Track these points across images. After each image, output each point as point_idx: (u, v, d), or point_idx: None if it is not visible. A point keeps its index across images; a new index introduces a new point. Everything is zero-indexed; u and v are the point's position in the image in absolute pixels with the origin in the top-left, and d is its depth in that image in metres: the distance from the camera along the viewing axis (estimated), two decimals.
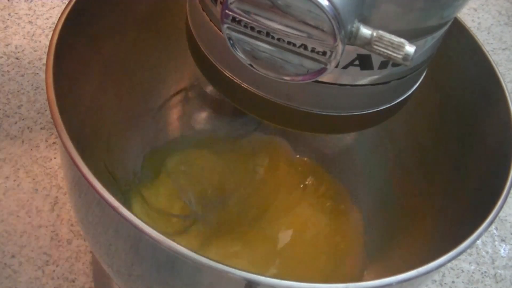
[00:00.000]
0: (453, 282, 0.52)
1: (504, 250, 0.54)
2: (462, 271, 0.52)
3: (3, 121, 0.55)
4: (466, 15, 0.74)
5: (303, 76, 0.24)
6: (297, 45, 0.23)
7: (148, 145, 0.50)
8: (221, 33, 0.24)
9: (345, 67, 0.26)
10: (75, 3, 0.35)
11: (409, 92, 0.31)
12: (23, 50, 0.60)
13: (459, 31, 0.39)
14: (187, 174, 0.49)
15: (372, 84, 0.27)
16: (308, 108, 0.28)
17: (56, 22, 0.34)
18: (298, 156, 0.52)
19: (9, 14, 0.63)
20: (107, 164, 0.46)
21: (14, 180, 0.51)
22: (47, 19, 0.63)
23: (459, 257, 0.30)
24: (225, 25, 0.24)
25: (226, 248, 0.46)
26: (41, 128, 0.55)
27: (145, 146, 0.49)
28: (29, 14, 0.63)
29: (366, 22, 0.24)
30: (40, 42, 0.61)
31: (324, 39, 0.23)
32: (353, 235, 0.48)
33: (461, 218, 0.37)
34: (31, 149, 0.53)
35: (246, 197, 0.49)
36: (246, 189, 0.49)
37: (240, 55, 0.25)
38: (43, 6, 0.64)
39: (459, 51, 0.40)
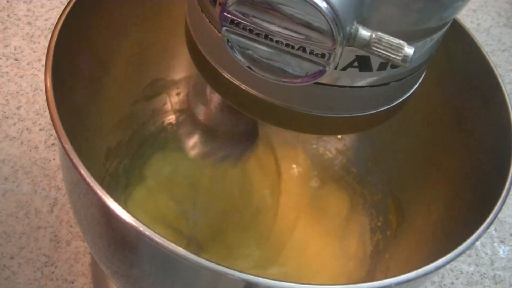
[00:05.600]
0: (452, 283, 0.52)
1: (503, 251, 0.54)
2: (461, 272, 0.52)
3: (2, 122, 0.55)
4: (465, 17, 0.74)
5: (301, 78, 0.24)
6: (296, 48, 0.23)
7: (148, 146, 0.50)
8: (220, 34, 0.24)
9: (344, 69, 0.26)
10: (74, 4, 0.35)
11: (408, 94, 0.31)
12: (22, 51, 0.60)
13: (458, 32, 0.39)
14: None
15: (371, 86, 0.27)
16: (307, 109, 0.28)
17: (55, 23, 0.34)
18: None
19: (8, 15, 0.63)
20: (106, 165, 0.46)
21: (13, 181, 0.51)
22: (46, 20, 0.63)
23: (458, 259, 0.30)
24: (224, 28, 0.24)
25: (235, 242, 0.47)
26: (40, 129, 0.55)
27: (145, 146, 0.49)
28: (28, 15, 0.63)
29: (365, 23, 0.24)
30: (39, 43, 0.61)
31: (323, 41, 0.23)
32: (356, 238, 0.48)
33: (460, 220, 0.37)
34: (30, 150, 0.53)
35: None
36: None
37: (239, 57, 0.25)
38: (42, 7, 0.64)
39: (458, 53, 0.40)
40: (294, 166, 0.52)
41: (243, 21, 0.23)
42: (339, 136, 0.52)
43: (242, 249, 0.47)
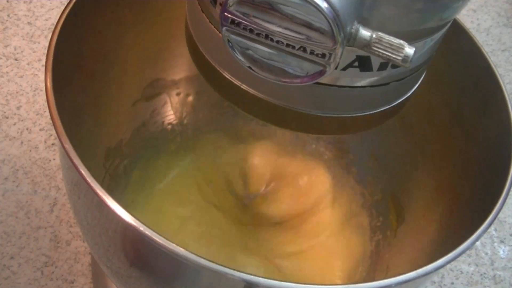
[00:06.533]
0: (452, 283, 0.52)
1: (503, 251, 0.54)
2: (461, 272, 0.52)
3: (2, 122, 0.54)
4: (465, 17, 0.74)
5: (302, 78, 0.24)
6: (296, 48, 0.23)
7: (148, 146, 0.50)
8: (220, 35, 0.24)
9: (344, 69, 0.26)
10: (74, 4, 0.35)
11: (409, 94, 0.31)
12: (22, 51, 0.60)
13: (458, 32, 0.39)
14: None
15: (371, 86, 0.27)
16: (307, 109, 0.28)
17: (55, 23, 0.34)
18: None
19: (8, 15, 0.63)
20: (106, 165, 0.46)
21: (13, 181, 0.51)
22: (46, 20, 0.63)
23: (458, 259, 0.30)
24: (224, 28, 0.24)
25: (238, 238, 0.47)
26: (40, 129, 0.55)
27: (145, 146, 0.49)
28: (28, 15, 0.63)
29: (365, 23, 0.24)
30: (39, 43, 0.61)
31: (323, 42, 0.23)
32: (358, 237, 0.49)
33: (460, 220, 0.37)
34: (30, 150, 0.53)
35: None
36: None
37: (239, 57, 0.25)
38: (42, 7, 0.64)
39: (458, 53, 0.40)
40: (294, 166, 0.52)
41: (243, 21, 0.23)
42: (339, 136, 0.52)
43: (245, 257, 0.47)
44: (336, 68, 0.25)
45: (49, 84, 0.31)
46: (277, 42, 0.23)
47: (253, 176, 0.51)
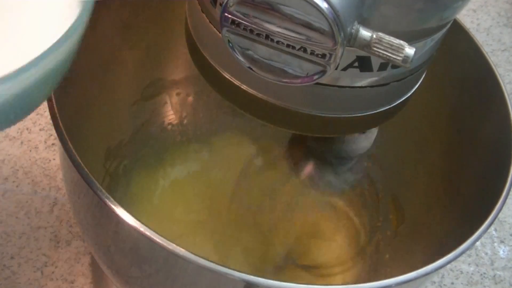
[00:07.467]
0: (452, 283, 0.52)
1: (503, 251, 0.54)
2: (461, 272, 0.52)
3: None
4: (465, 16, 0.74)
5: (302, 78, 0.24)
6: (296, 48, 0.23)
7: (148, 147, 0.50)
8: (220, 35, 0.25)
9: (344, 69, 0.26)
10: None
11: (409, 94, 0.31)
12: None
13: (458, 32, 0.39)
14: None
15: (371, 86, 0.27)
16: (307, 109, 0.28)
17: None
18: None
19: None
20: (106, 165, 0.46)
21: (13, 181, 0.51)
22: None
23: (458, 259, 0.30)
24: (224, 28, 0.24)
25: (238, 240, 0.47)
26: (40, 129, 0.55)
27: (145, 147, 0.49)
28: None
29: (365, 24, 0.24)
30: None
31: (323, 42, 0.23)
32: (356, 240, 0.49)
33: (460, 220, 0.37)
34: (30, 150, 0.53)
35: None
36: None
37: (239, 57, 0.25)
38: None
39: (458, 53, 0.40)
40: (293, 166, 0.52)
41: (243, 22, 0.23)
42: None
43: (244, 255, 0.47)
44: (336, 69, 0.25)
45: None
46: (278, 42, 0.23)
47: (254, 176, 0.51)
